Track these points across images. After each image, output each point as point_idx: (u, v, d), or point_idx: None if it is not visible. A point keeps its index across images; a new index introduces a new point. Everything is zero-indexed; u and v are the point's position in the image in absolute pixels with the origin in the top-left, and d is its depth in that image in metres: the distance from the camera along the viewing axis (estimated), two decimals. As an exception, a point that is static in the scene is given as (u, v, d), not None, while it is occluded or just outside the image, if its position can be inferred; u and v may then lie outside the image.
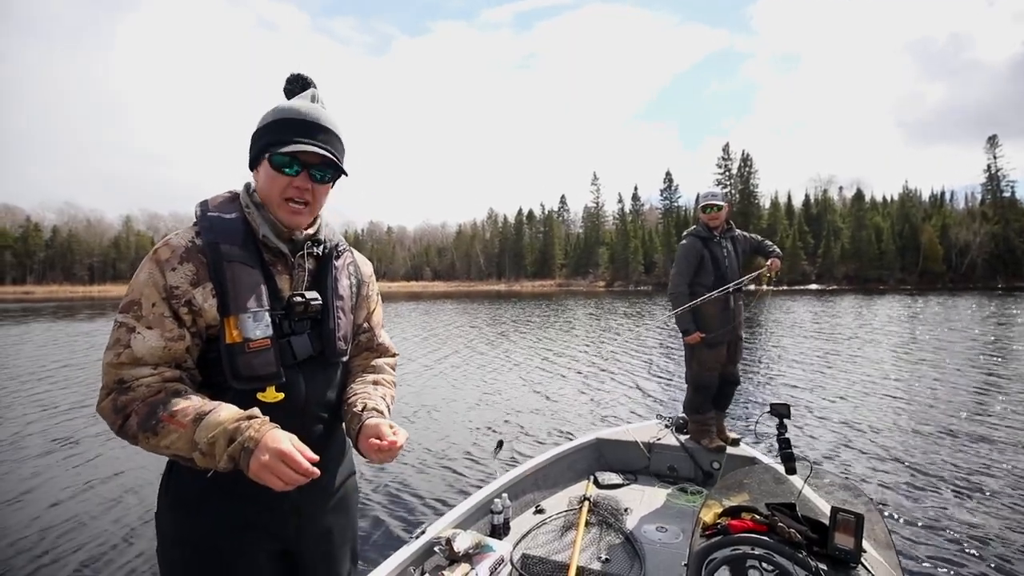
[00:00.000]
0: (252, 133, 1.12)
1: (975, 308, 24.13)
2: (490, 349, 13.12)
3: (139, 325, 0.98)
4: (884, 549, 1.47)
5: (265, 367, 1.04)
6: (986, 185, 68.19)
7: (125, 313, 0.99)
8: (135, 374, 0.96)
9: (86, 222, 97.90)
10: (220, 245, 1.04)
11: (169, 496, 1.09)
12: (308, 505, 1.15)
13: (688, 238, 3.66)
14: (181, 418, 0.91)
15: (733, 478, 1.88)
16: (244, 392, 1.03)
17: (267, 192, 1.10)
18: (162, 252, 1.01)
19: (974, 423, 6.10)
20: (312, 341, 1.13)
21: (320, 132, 1.09)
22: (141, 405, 0.94)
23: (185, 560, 1.07)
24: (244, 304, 1.03)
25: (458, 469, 4.93)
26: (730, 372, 3.66)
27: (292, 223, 1.11)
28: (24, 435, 6.13)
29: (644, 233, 78.90)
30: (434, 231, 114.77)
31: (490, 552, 2.33)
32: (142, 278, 1.00)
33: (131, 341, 0.97)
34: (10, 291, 73.68)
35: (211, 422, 0.90)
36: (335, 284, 1.19)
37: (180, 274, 1.00)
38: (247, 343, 1.02)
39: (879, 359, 10.61)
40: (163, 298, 0.99)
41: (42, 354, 12.75)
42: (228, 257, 1.03)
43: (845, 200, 78.88)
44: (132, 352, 0.96)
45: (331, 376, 1.20)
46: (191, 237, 1.04)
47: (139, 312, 0.98)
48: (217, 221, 1.07)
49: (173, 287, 1.00)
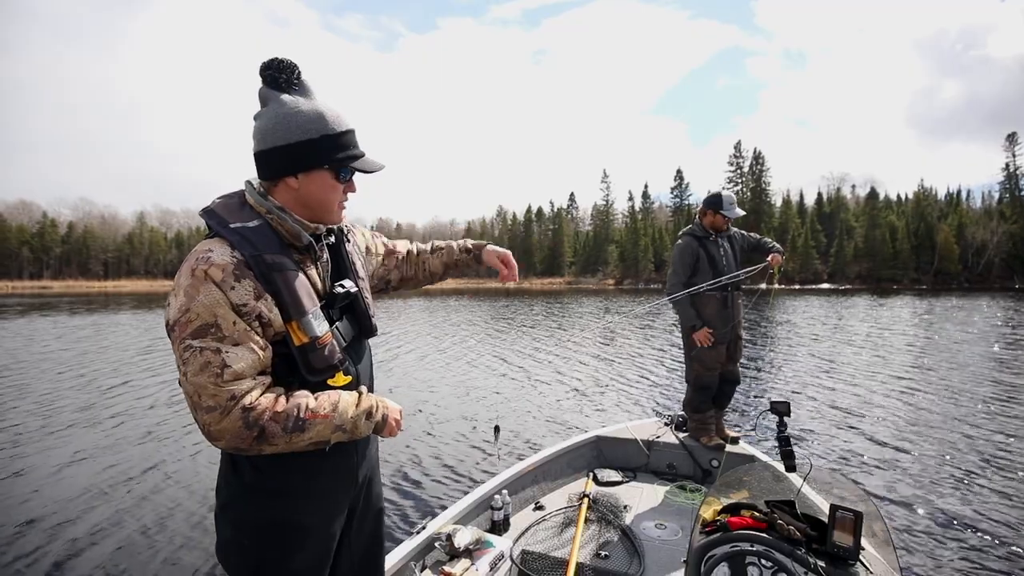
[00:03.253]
0: (297, 141, 1.08)
1: (990, 309, 23.78)
2: (494, 346, 13.15)
3: (223, 345, 0.97)
4: (883, 547, 1.45)
5: (334, 357, 1.14)
6: (1004, 184, 67.12)
7: (201, 338, 0.97)
8: (243, 387, 0.98)
9: (101, 218, 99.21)
10: (264, 256, 1.05)
11: (249, 486, 1.12)
12: (367, 468, 1.31)
13: (684, 238, 3.63)
14: (321, 411, 1.05)
15: (733, 475, 1.87)
16: (317, 383, 1.12)
17: (322, 200, 1.14)
18: (214, 273, 0.99)
19: (978, 423, 6.03)
20: (351, 323, 1.24)
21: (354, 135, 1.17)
22: (273, 415, 1.00)
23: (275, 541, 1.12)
24: (303, 307, 1.08)
25: (458, 465, 4.95)
26: (730, 371, 3.65)
27: (338, 221, 1.21)
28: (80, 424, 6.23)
29: (654, 231, 78.53)
30: (443, 228, 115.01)
31: (490, 548, 2.34)
32: (206, 301, 0.97)
33: (225, 360, 0.97)
34: (28, 285, 75.04)
35: (347, 406, 1.10)
36: (354, 267, 1.28)
37: (241, 291, 1.01)
38: (315, 341, 1.09)
39: (885, 359, 10.51)
40: (235, 313, 1.00)
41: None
42: (275, 266, 1.06)
43: (858, 199, 77.98)
44: (233, 369, 0.97)
45: (366, 350, 1.33)
46: (230, 252, 1.03)
47: (220, 333, 0.98)
48: (247, 232, 1.06)
49: (240, 305, 1.00)
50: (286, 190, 1.12)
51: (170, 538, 3.61)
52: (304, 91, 1.13)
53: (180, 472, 4.80)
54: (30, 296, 47.59)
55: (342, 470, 1.21)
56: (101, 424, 6.34)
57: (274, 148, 1.09)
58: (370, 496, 1.35)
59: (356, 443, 1.23)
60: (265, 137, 1.09)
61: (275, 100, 1.10)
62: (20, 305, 31.74)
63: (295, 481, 1.14)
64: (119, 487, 4.48)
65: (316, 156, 1.10)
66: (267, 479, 1.12)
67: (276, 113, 1.09)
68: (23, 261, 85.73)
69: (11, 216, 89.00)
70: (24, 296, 47.31)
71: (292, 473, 1.13)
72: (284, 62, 1.10)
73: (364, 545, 1.34)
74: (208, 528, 3.72)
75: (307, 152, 1.09)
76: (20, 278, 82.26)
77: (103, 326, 18.66)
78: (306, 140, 1.08)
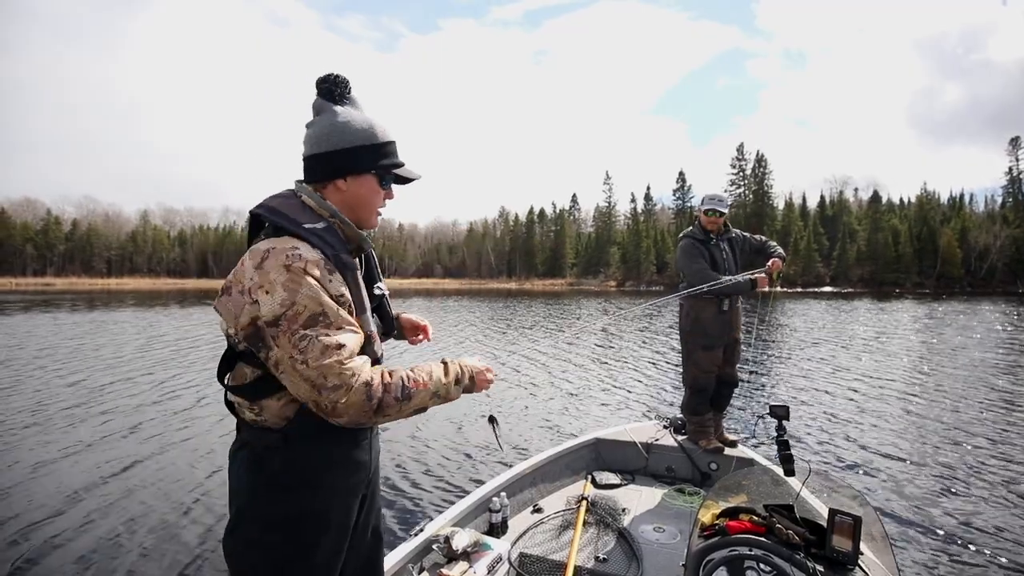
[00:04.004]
0: (350, 146, 1.20)
1: (992, 313, 23.71)
2: (493, 347, 13.17)
3: (333, 331, 1.07)
4: (881, 552, 1.45)
5: (379, 352, 1.26)
6: (1007, 187, 66.97)
7: (314, 327, 1.05)
8: (357, 365, 1.08)
9: (105, 216, 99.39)
10: (341, 256, 1.15)
11: (273, 481, 1.15)
12: (376, 461, 1.38)
13: (685, 240, 3.63)
14: (422, 382, 1.16)
15: (731, 479, 1.87)
16: None
17: (367, 202, 1.25)
18: (312, 268, 1.08)
19: (978, 429, 6.02)
20: (380, 322, 1.34)
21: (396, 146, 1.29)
22: (385, 386, 1.10)
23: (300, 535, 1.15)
24: (364, 305, 1.20)
25: (456, 467, 4.94)
26: (728, 374, 3.64)
27: (375, 225, 1.31)
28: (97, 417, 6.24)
29: (656, 233, 78.47)
30: (445, 228, 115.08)
31: (488, 550, 2.33)
32: (310, 293, 1.06)
33: (340, 340, 1.07)
34: (31, 282, 75.17)
35: (440, 376, 1.21)
36: (378, 270, 1.39)
37: (336, 284, 1.12)
38: (370, 336, 1.20)
39: (885, 363, 10.50)
40: (339, 304, 1.10)
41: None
42: (348, 266, 1.16)
43: (861, 202, 77.84)
44: (349, 348, 1.08)
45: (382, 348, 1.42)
46: (315, 250, 1.11)
47: (328, 320, 1.07)
48: (319, 233, 1.15)
49: (338, 295, 1.11)
50: (335, 192, 1.23)
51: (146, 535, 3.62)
52: (354, 104, 1.25)
53: (159, 472, 4.79)
54: (33, 293, 47.72)
55: (360, 462, 1.26)
56: (88, 421, 6.35)
57: (330, 152, 1.20)
58: (375, 491, 1.40)
59: (368, 435, 1.28)
60: (320, 142, 1.20)
61: (329, 110, 1.22)
62: (22, 302, 31.82)
63: (319, 473, 1.17)
64: (100, 485, 4.48)
65: (366, 161, 1.22)
66: (293, 473, 1.15)
67: (331, 122, 1.20)
68: (27, 258, 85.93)
69: (15, 213, 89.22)
70: (27, 293, 47.45)
71: (315, 466, 1.17)
72: (339, 77, 1.23)
73: (367, 540, 1.38)
74: (188, 526, 3.73)
75: (358, 157, 1.21)
76: (24, 275, 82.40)
77: (103, 323, 18.70)
78: (359, 146, 1.21)
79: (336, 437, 1.17)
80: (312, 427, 1.13)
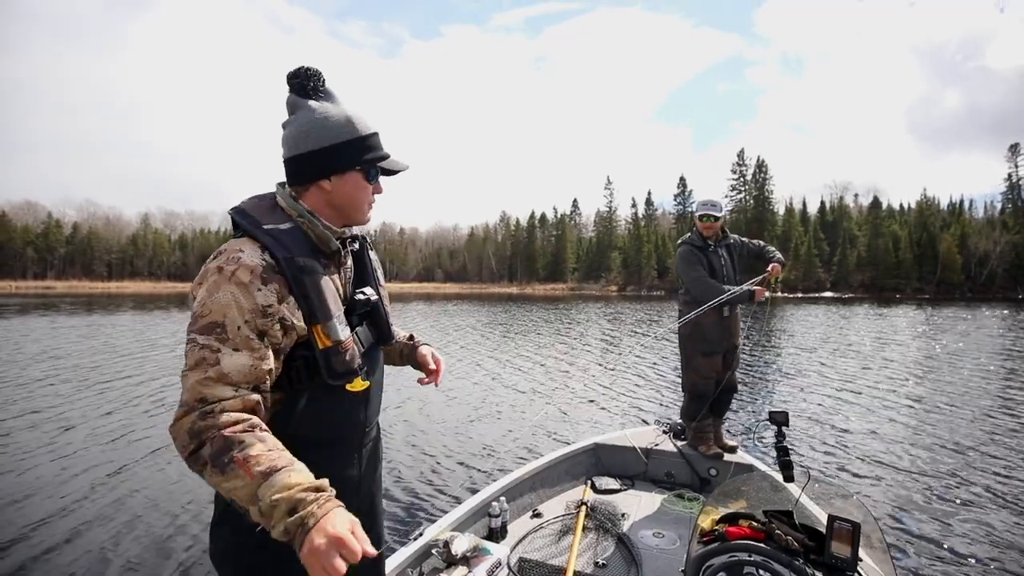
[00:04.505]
0: (330, 144, 1.13)
1: (992, 319, 23.69)
2: (493, 351, 13.14)
3: (224, 347, 0.97)
4: (880, 558, 1.45)
5: (354, 361, 1.15)
6: (1006, 194, 66.98)
7: (207, 335, 0.98)
8: (218, 393, 0.95)
9: (105, 219, 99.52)
10: (296, 259, 1.07)
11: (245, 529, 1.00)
12: (371, 487, 1.33)
13: (683, 247, 3.64)
14: (253, 466, 0.88)
15: (731, 485, 1.87)
16: (335, 387, 1.13)
17: (354, 200, 1.18)
18: (242, 274, 1.01)
19: (977, 436, 6.01)
20: (371, 330, 1.26)
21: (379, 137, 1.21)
22: (218, 435, 0.91)
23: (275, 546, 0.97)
24: (329, 311, 1.10)
25: (456, 472, 4.93)
26: (727, 380, 3.64)
27: (367, 221, 1.23)
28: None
29: (657, 238, 78.53)
30: (446, 233, 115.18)
31: (487, 555, 2.33)
32: (223, 300, 0.99)
33: (219, 359, 0.96)
34: (32, 285, 75.22)
35: (279, 482, 0.86)
36: (375, 274, 1.31)
37: (266, 294, 1.02)
38: (339, 345, 1.10)
39: (886, 369, 10.48)
40: (247, 320, 1.00)
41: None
42: (306, 269, 1.08)
43: (861, 207, 77.89)
44: (220, 368, 0.96)
45: (380, 357, 1.34)
46: (260, 255, 1.04)
47: (223, 335, 0.98)
48: (279, 234, 1.08)
49: (265, 307, 1.01)
50: (318, 193, 1.15)
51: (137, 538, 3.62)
52: (330, 97, 1.17)
53: (148, 478, 4.77)
54: (33, 296, 47.73)
55: (341, 478, 1.17)
56: (80, 426, 6.34)
57: (309, 152, 1.13)
58: (372, 499, 1.34)
59: (354, 449, 1.23)
60: (298, 142, 1.13)
61: (304, 107, 1.14)
62: (19, 305, 31.82)
63: None
64: (91, 490, 4.47)
65: (349, 158, 1.14)
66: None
67: (308, 119, 1.13)
68: (27, 261, 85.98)
69: (16, 216, 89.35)
70: (28, 296, 47.46)
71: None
72: (310, 70, 1.14)
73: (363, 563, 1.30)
74: (177, 533, 3.73)
75: (340, 155, 1.14)
76: (24, 278, 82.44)
77: (100, 326, 18.70)
78: (339, 143, 1.13)
79: (313, 446, 1.11)
80: (285, 435, 1.05)
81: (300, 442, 1.06)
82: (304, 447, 1.06)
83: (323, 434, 1.17)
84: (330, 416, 1.17)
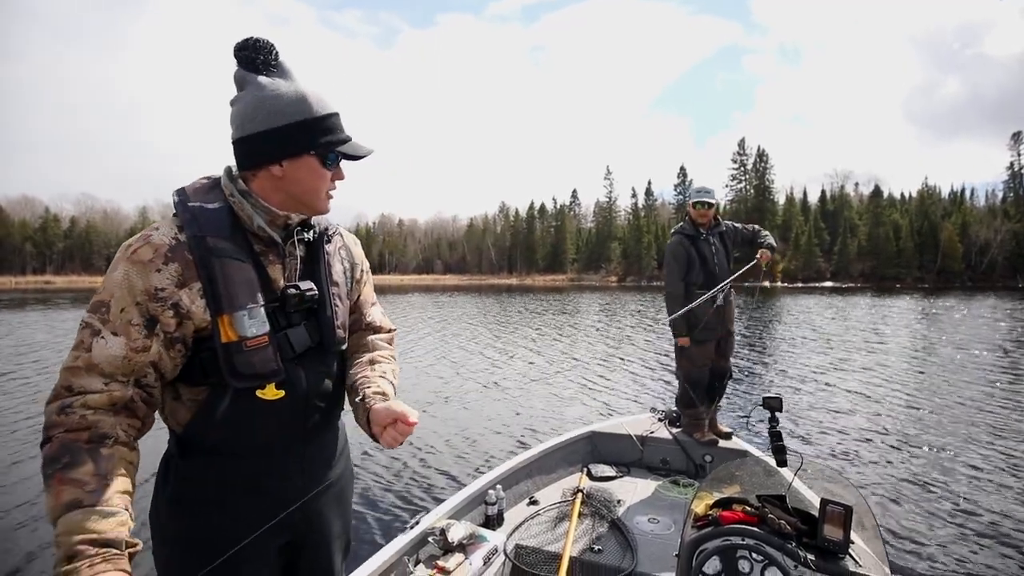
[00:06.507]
0: (280, 125, 1.00)
1: (993, 308, 23.72)
2: (490, 341, 13.18)
3: (104, 329, 0.90)
4: (872, 540, 1.45)
5: (265, 364, 1.00)
6: (1008, 182, 66.82)
7: (93, 313, 0.91)
8: (84, 384, 0.88)
9: (103, 213, 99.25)
10: (207, 239, 0.97)
11: (171, 494, 1.04)
12: (315, 498, 1.14)
13: (674, 237, 3.64)
14: (63, 491, 0.80)
15: (725, 470, 1.87)
16: (243, 391, 1.00)
17: (310, 187, 1.05)
18: (143, 252, 0.93)
19: (970, 421, 6.05)
20: (310, 332, 1.09)
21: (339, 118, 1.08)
22: (60, 438, 0.84)
23: (195, 559, 1.00)
24: (237, 301, 0.97)
25: (453, 460, 4.96)
26: (721, 366, 3.67)
27: (326, 210, 1.12)
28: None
29: (657, 228, 78.49)
30: (445, 224, 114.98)
31: (484, 542, 2.34)
32: (116, 278, 0.92)
33: (93, 345, 0.89)
34: (30, 280, 75.28)
35: (72, 522, 0.78)
36: (328, 270, 1.15)
37: (164, 276, 0.93)
38: (244, 341, 0.97)
39: (883, 357, 10.53)
40: (135, 303, 0.92)
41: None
42: (216, 252, 0.97)
43: (862, 196, 77.73)
44: (90, 357, 0.89)
45: (330, 366, 1.16)
46: (174, 234, 0.97)
47: (106, 315, 0.91)
48: (200, 212, 1.00)
49: (158, 289, 0.92)
50: (268, 178, 1.04)
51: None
52: (283, 72, 1.04)
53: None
54: (32, 291, 47.73)
55: (275, 492, 1.08)
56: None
57: (255, 134, 1.01)
58: (322, 527, 1.19)
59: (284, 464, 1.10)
60: (244, 123, 1.01)
61: (253, 83, 1.01)
62: (11, 300, 31.82)
63: (211, 497, 1.04)
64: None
65: (301, 141, 1.02)
66: (181, 485, 1.04)
67: (255, 97, 1.01)
68: (26, 256, 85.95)
69: (14, 211, 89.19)
70: (27, 291, 47.47)
71: (204, 482, 1.04)
72: (260, 41, 1.02)
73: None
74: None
75: (290, 137, 1.01)
76: (23, 273, 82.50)
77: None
78: (291, 124, 1.01)
79: (239, 451, 1.04)
80: (207, 437, 1.00)
81: (221, 447, 1.02)
82: (223, 453, 1.02)
83: (240, 442, 1.04)
84: (248, 424, 1.03)
